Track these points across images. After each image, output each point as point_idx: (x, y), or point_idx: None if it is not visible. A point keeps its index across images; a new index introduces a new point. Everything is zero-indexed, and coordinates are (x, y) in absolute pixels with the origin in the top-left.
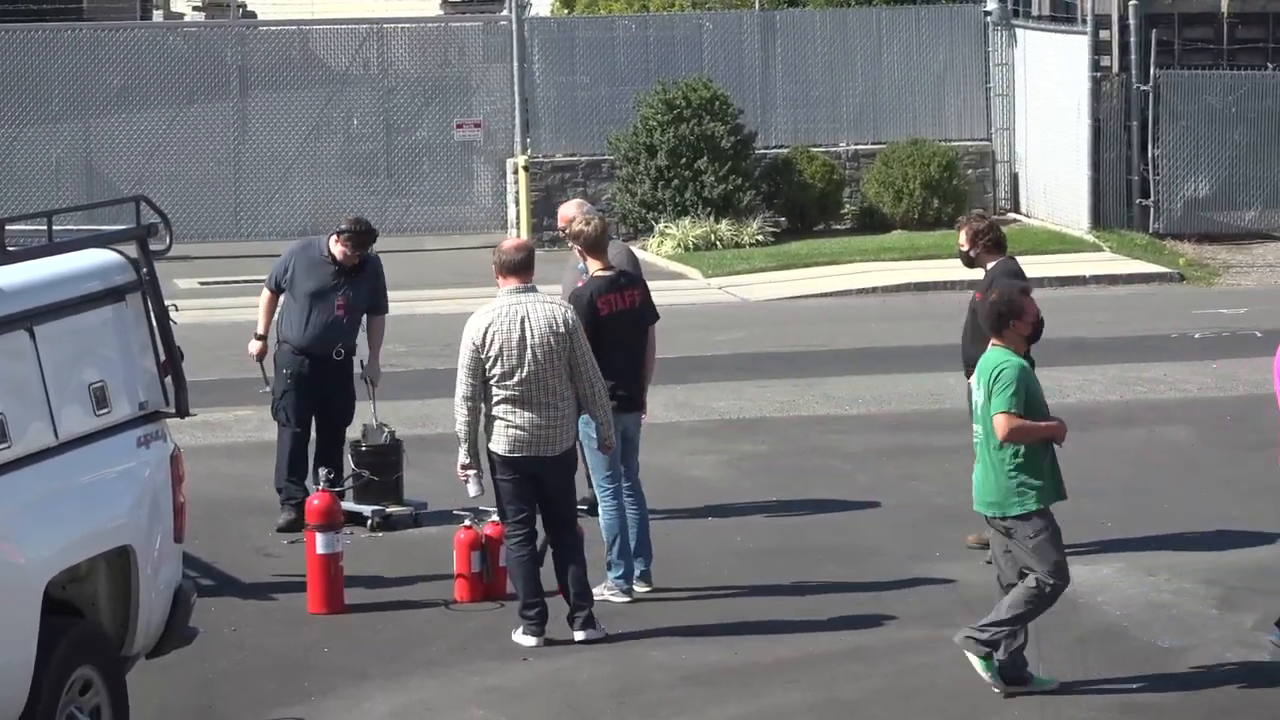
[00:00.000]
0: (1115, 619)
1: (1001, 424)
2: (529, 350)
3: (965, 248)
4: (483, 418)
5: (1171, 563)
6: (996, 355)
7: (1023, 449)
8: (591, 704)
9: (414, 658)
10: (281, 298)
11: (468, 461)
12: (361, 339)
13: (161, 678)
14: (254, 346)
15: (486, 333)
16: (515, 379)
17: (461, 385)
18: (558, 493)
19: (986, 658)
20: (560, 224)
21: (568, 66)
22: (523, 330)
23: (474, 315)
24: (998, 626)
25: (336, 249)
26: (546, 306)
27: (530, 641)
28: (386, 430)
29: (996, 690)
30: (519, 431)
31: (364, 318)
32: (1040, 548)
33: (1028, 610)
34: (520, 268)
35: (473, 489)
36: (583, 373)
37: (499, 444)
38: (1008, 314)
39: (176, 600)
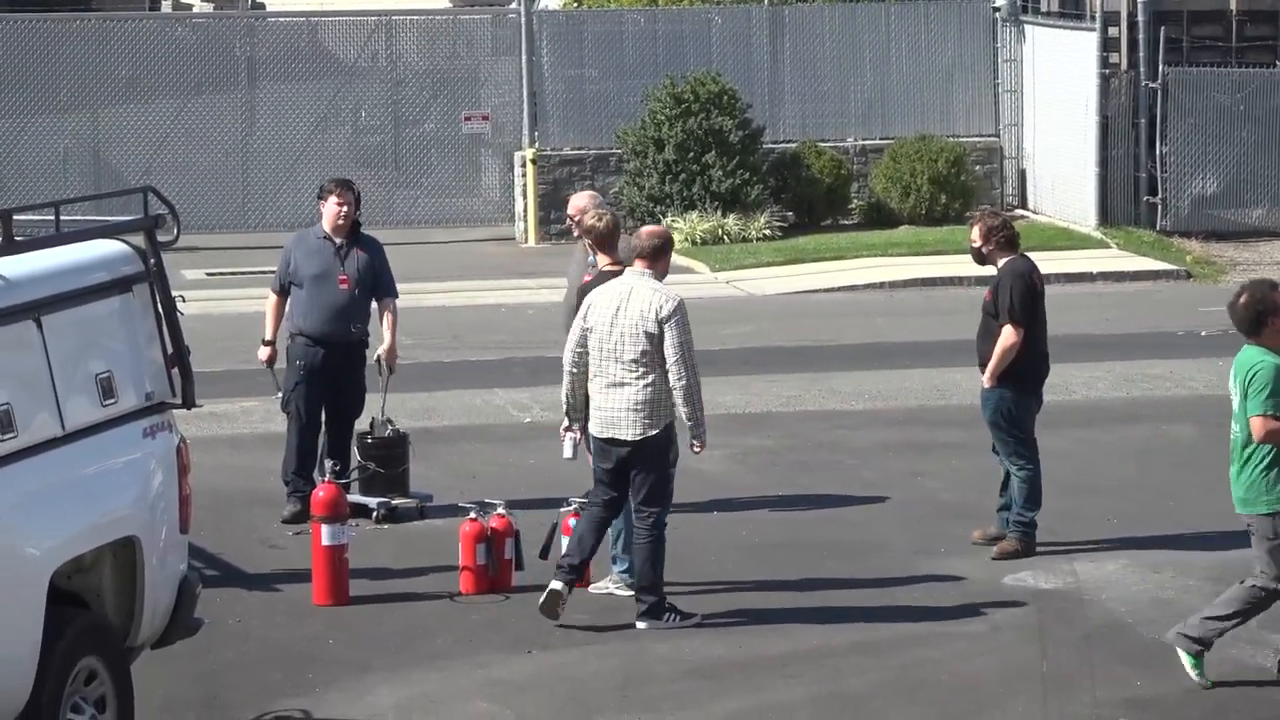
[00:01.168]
0: (1120, 615)
1: (1258, 426)
2: (613, 331)
3: (977, 244)
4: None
5: (1176, 559)
6: (1252, 355)
7: (1276, 449)
8: (595, 697)
9: (418, 650)
10: (288, 298)
11: (567, 424)
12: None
13: (166, 668)
14: (263, 353)
15: (589, 308)
16: (601, 356)
17: (569, 350)
18: (637, 479)
19: (1197, 656)
20: (571, 213)
21: (576, 60)
22: (618, 311)
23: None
24: (1213, 623)
25: (328, 219)
26: (650, 293)
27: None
28: (390, 426)
29: (1203, 687)
30: (599, 411)
31: (372, 302)
32: (1276, 551)
33: (1244, 610)
34: (649, 253)
35: (567, 450)
36: (671, 365)
37: (592, 424)
38: (1265, 311)
39: (181, 591)
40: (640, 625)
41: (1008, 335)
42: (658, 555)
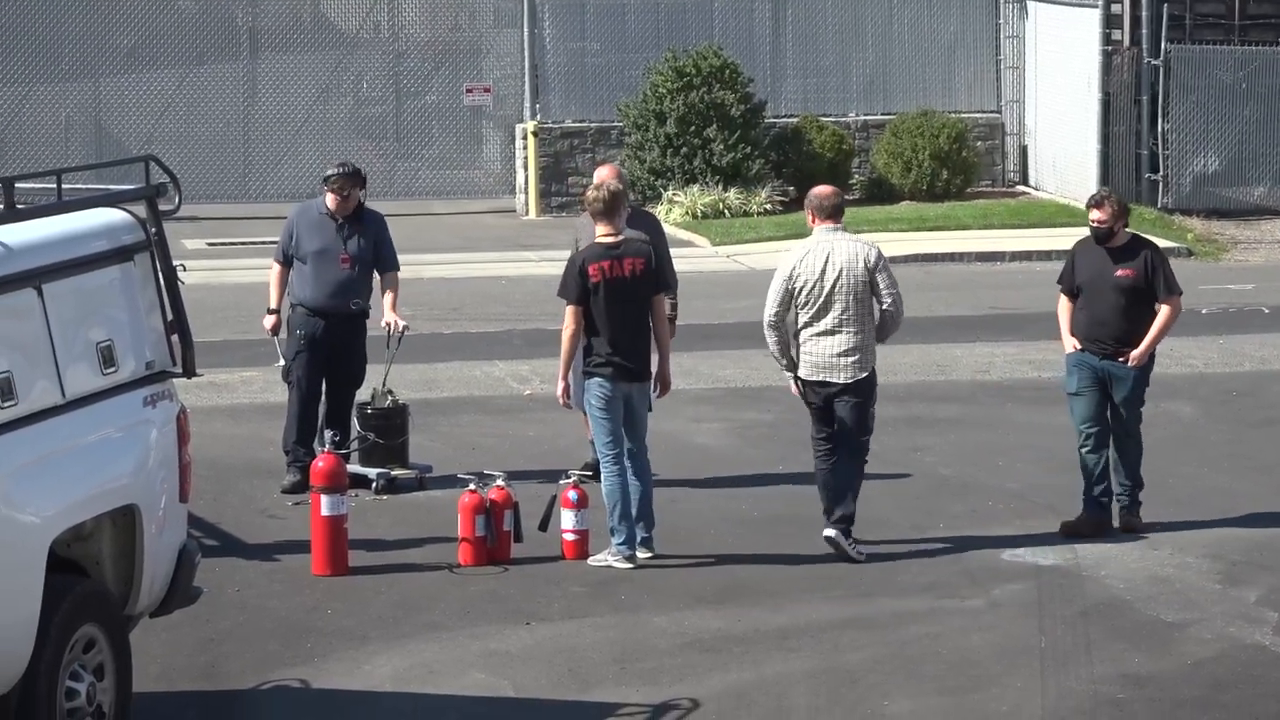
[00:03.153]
0: (1118, 592)
1: None
2: (830, 284)
3: (1107, 222)
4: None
5: (1174, 538)
6: None
7: None
8: (593, 669)
9: (416, 621)
10: (290, 268)
11: (794, 373)
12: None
13: (165, 637)
14: (268, 321)
15: (796, 268)
16: (816, 310)
17: (769, 310)
18: (846, 414)
19: None
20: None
21: (578, 33)
22: (825, 266)
23: (788, 252)
24: None
25: (330, 200)
26: (853, 245)
27: (833, 533)
28: (390, 397)
29: None
30: (812, 358)
31: (374, 275)
32: None
33: None
34: (831, 212)
35: (793, 389)
36: (889, 305)
37: (801, 367)
38: None
39: (180, 560)
40: (830, 533)
41: (1175, 309)
42: (859, 485)
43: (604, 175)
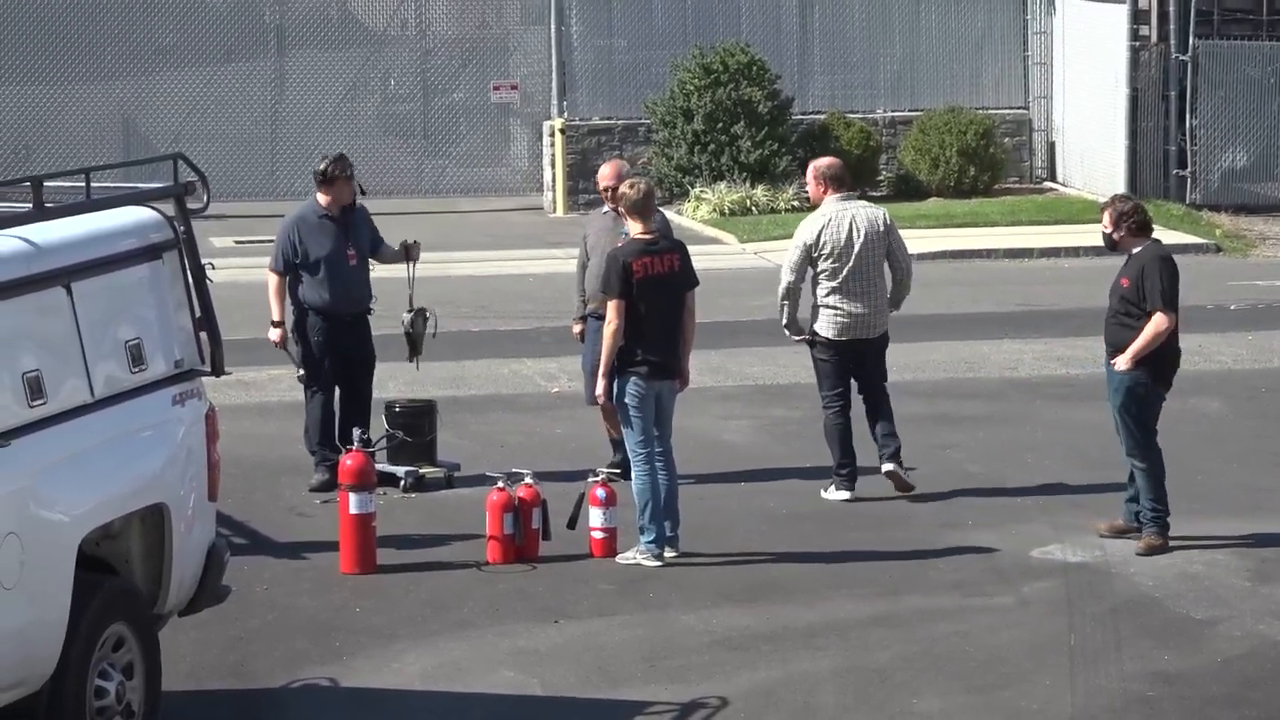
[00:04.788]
0: (1147, 589)
1: None
2: (858, 248)
3: (1108, 229)
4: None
5: (1204, 534)
6: None
7: None
8: (621, 667)
9: (445, 619)
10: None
11: (798, 336)
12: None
13: (194, 635)
14: (275, 334)
15: (820, 234)
16: (847, 274)
17: (790, 278)
18: (874, 366)
19: None
20: (604, 181)
21: (605, 29)
22: (850, 231)
23: (806, 220)
24: None
25: (326, 197)
26: (868, 210)
27: (843, 495)
28: (425, 315)
29: None
30: (845, 318)
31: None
32: None
33: None
34: (844, 181)
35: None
36: (903, 259)
37: (827, 329)
38: None
39: (209, 558)
40: (889, 467)
41: (1160, 321)
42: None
43: (609, 173)
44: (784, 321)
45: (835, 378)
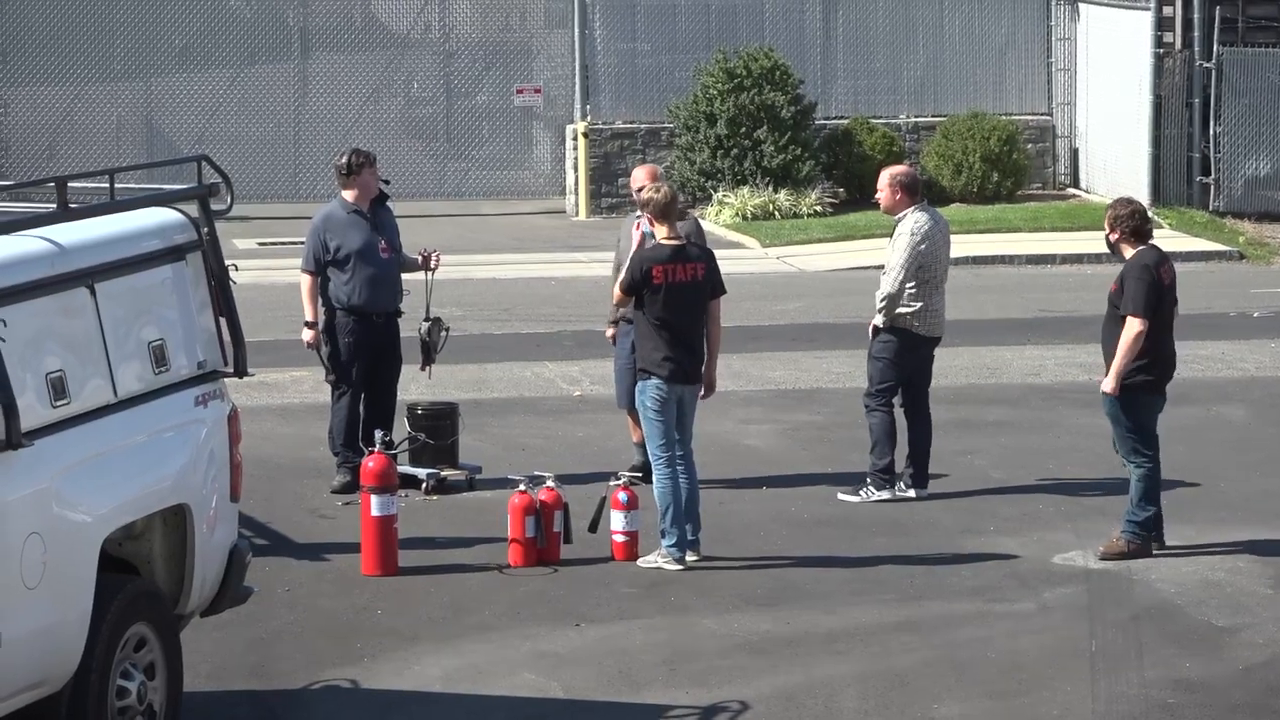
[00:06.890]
0: (1169, 596)
1: None
2: (947, 251)
3: (1105, 233)
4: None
5: (1226, 541)
6: None
7: None
8: (643, 671)
9: (466, 621)
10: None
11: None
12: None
13: (216, 636)
14: (308, 335)
15: (928, 242)
16: (939, 275)
17: (903, 281)
18: (930, 364)
19: None
20: (637, 185)
21: (629, 33)
22: (943, 235)
23: (912, 225)
24: None
25: (361, 192)
26: (942, 217)
27: (885, 495)
28: (439, 325)
29: None
30: (935, 316)
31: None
32: None
33: None
34: (916, 190)
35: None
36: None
37: (922, 326)
38: None
39: (231, 559)
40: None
41: (1131, 327)
42: None
43: (642, 177)
44: (883, 322)
45: (902, 374)
